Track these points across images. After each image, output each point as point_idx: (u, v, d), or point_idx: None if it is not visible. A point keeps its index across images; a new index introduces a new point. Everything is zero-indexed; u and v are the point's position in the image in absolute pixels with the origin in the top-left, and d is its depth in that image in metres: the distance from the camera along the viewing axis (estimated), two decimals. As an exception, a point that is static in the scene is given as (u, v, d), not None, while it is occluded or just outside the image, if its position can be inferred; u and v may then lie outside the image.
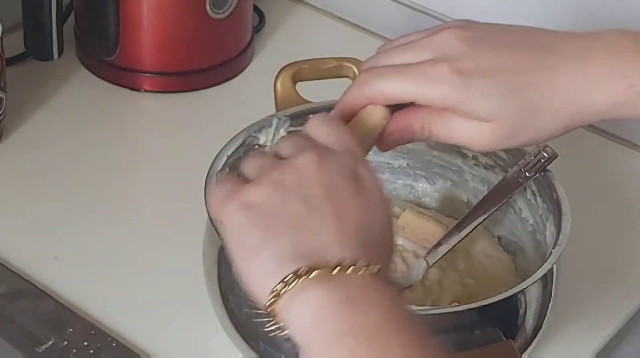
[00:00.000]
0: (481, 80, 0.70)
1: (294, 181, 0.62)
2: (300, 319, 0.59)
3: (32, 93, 1.12)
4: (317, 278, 0.58)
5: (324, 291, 0.58)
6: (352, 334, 0.57)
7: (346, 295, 0.58)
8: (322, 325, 0.58)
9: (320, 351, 0.57)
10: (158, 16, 1.12)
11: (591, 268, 0.96)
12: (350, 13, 1.29)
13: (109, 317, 0.88)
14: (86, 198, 1.00)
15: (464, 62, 0.71)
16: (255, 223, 0.61)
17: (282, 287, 0.59)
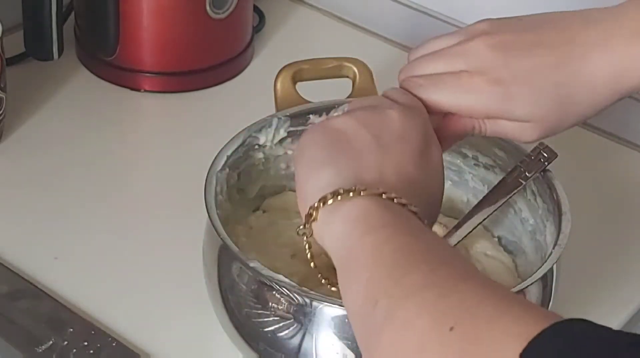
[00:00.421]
0: (517, 87, 0.74)
1: (375, 121, 0.69)
2: (342, 219, 0.64)
3: (32, 93, 1.12)
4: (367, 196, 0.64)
5: (370, 202, 0.64)
6: (390, 225, 0.63)
7: (389, 209, 0.64)
8: (361, 221, 0.63)
9: (357, 238, 0.63)
10: (158, 16, 1.12)
11: (591, 268, 0.97)
12: (350, 13, 1.29)
13: (109, 317, 0.88)
14: (86, 198, 1.00)
15: (498, 71, 0.74)
16: (328, 142, 0.69)
17: (331, 197, 0.65)
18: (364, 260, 0.61)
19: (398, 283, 0.58)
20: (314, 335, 0.74)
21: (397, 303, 0.57)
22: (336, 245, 0.64)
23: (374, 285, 0.59)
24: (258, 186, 0.92)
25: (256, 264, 0.76)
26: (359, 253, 0.62)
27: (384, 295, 0.58)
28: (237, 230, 0.88)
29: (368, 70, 0.93)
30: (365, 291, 0.60)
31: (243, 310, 0.78)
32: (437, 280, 0.58)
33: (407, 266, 0.59)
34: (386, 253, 0.61)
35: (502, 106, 0.74)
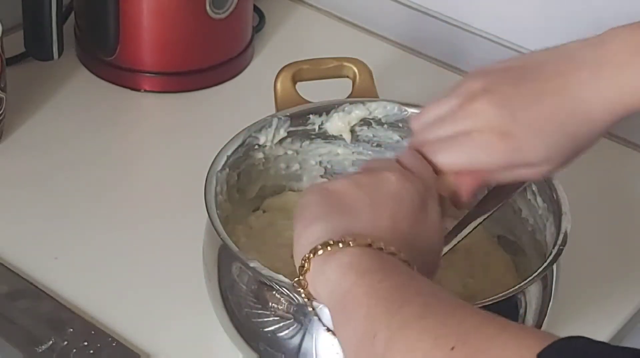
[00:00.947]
0: (527, 137, 0.76)
1: (370, 182, 0.72)
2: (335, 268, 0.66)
3: (32, 93, 1.12)
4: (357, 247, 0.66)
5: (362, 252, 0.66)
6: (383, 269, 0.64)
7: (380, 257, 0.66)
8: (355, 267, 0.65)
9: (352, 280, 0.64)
10: (158, 16, 1.12)
11: (591, 268, 0.96)
12: (350, 13, 1.29)
13: (109, 317, 0.88)
14: (86, 198, 1.00)
15: (507, 126, 0.76)
16: (323, 200, 0.71)
17: (321, 248, 0.67)
18: (359, 299, 0.63)
19: (396, 315, 0.60)
20: (314, 335, 0.74)
21: (396, 333, 0.59)
22: (329, 291, 0.66)
23: (371, 320, 0.61)
24: (258, 186, 0.92)
25: (256, 264, 0.76)
26: (354, 293, 0.64)
27: (382, 328, 0.60)
28: (237, 230, 0.88)
29: (368, 70, 0.93)
30: (363, 328, 0.62)
31: (243, 310, 0.78)
32: (434, 309, 0.60)
33: (403, 300, 0.61)
34: (381, 290, 0.62)
35: (517, 157, 0.76)
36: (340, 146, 0.93)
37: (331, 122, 0.91)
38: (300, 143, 0.92)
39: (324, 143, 0.93)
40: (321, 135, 0.92)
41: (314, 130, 0.92)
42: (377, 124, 0.92)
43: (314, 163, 0.94)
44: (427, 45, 1.24)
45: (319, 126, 0.91)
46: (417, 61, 1.24)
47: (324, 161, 0.94)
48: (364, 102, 0.91)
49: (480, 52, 1.21)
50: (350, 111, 0.91)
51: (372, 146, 0.93)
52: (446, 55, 1.23)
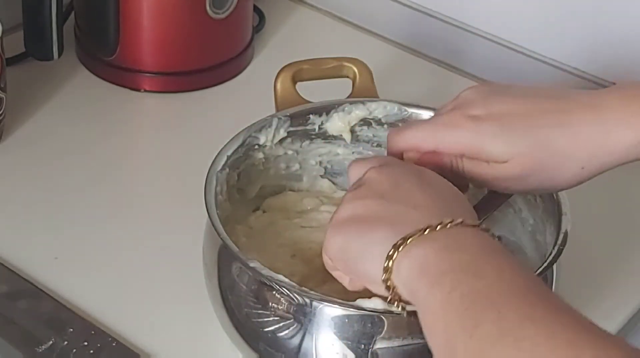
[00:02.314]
0: (491, 123, 0.76)
1: (366, 190, 0.72)
2: (408, 276, 0.66)
3: (32, 93, 1.12)
4: (414, 242, 0.67)
5: (423, 248, 0.66)
6: (451, 271, 0.64)
7: (441, 245, 0.66)
8: (426, 272, 0.65)
9: (426, 290, 0.64)
10: (158, 16, 1.12)
11: (591, 268, 0.96)
12: (350, 13, 1.29)
13: (109, 317, 0.88)
14: (86, 198, 1.00)
15: (475, 109, 0.77)
16: (350, 232, 0.71)
17: (388, 262, 0.67)
18: (438, 312, 0.63)
19: (473, 336, 0.60)
20: (314, 335, 0.74)
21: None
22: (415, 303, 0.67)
23: (451, 338, 0.62)
24: (258, 186, 0.92)
25: (256, 264, 0.76)
26: (432, 306, 0.64)
27: (462, 350, 0.60)
28: (237, 229, 0.88)
29: (368, 70, 0.93)
30: (445, 343, 0.62)
31: (243, 310, 0.78)
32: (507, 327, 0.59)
33: (477, 315, 0.61)
34: (455, 302, 0.62)
35: (475, 141, 0.76)
36: (340, 146, 0.93)
37: (331, 122, 0.91)
38: (300, 143, 0.92)
39: (324, 143, 0.93)
40: (321, 135, 0.92)
41: (314, 130, 0.92)
42: (377, 124, 0.92)
43: (314, 163, 0.94)
44: (427, 45, 1.24)
45: (319, 126, 0.91)
46: (417, 61, 1.24)
47: (324, 161, 0.94)
48: (364, 102, 0.91)
49: (480, 52, 1.21)
50: (350, 111, 0.91)
51: (372, 146, 0.93)
52: (446, 55, 1.23)
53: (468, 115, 0.76)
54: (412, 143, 0.79)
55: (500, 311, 0.60)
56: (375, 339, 0.73)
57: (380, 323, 0.73)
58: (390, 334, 0.73)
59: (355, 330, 0.73)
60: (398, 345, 0.73)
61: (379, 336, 0.73)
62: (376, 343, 0.73)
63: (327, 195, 0.93)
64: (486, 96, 0.78)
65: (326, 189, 0.94)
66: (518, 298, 0.61)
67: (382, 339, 0.73)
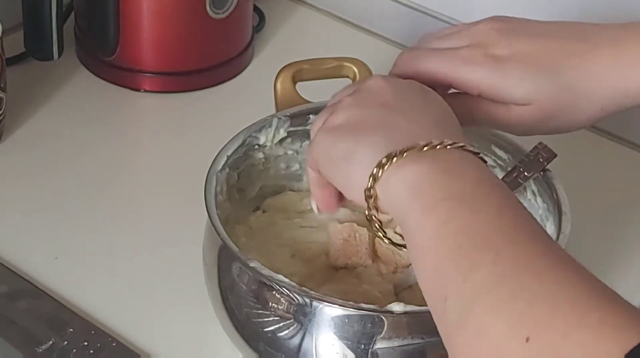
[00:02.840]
0: (514, 64, 0.73)
1: (367, 96, 0.68)
2: (398, 193, 0.62)
3: (32, 93, 1.12)
4: (410, 156, 0.62)
5: (419, 165, 0.62)
6: (448, 198, 0.60)
7: (440, 167, 0.61)
8: (419, 193, 0.61)
9: (417, 217, 0.60)
10: (158, 16, 1.12)
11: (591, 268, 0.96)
12: (350, 13, 1.29)
13: (109, 317, 0.88)
14: (86, 198, 1.00)
15: (498, 49, 0.74)
16: (342, 136, 0.67)
17: (377, 170, 0.63)
18: (428, 244, 0.59)
19: (466, 280, 0.56)
20: (314, 335, 0.74)
21: (467, 306, 0.55)
22: (402, 221, 0.62)
23: (442, 277, 0.57)
24: (258, 186, 0.92)
25: (256, 264, 0.76)
26: (423, 235, 0.60)
27: (453, 293, 0.56)
28: (237, 229, 0.88)
29: (368, 70, 0.93)
30: (434, 282, 0.58)
31: (243, 310, 0.78)
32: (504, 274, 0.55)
33: (472, 255, 0.57)
34: (449, 237, 0.58)
35: (497, 81, 0.73)
36: (340, 146, 0.93)
37: (331, 122, 0.91)
38: (300, 143, 0.92)
39: (324, 143, 0.93)
40: (321, 135, 0.92)
41: (314, 130, 0.92)
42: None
43: (314, 163, 0.94)
44: (427, 45, 1.24)
45: (319, 126, 0.91)
46: (417, 61, 1.24)
47: (324, 161, 0.94)
48: (364, 102, 0.91)
49: (480, 52, 1.21)
50: (350, 111, 0.91)
51: (372, 146, 0.93)
52: (446, 55, 1.23)
53: (490, 54, 0.74)
54: (426, 71, 0.75)
55: (498, 253, 0.56)
56: (375, 339, 0.73)
57: (380, 323, 0.73)
58: (390, 334, 0.73)
59: (355, 330, 0.73)
60: (398, 345, 0.73)
61: (379, 336, 0.73)
62: (376, 343, 0.73)
63: (327, 195, 0.93)
64: (507, 35, 0.75)
65: (326, 189, 0.94)
66: (519, 242, 0.57)
67: (382, 339, 0.73)
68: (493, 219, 0.58)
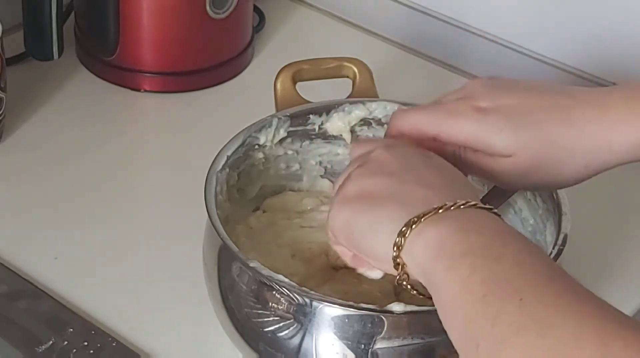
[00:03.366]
0: (497, 116, 0.75)
1: (375, 167, 0.72)
2: (423, 256, 0.65)
3: (32, 93, 1.12)
4: (427, 221, 0.65)
5: (437, 227, 0.65)
6: (469, 253, 0.63)
7: (457, 226, 0.65)
8: (441, 253, 0.64)
9: (442, 275, 0.63)
10: (158, 16, 1.12)
11: (591, 268, 0.96)
12: (350, 13, 1.29)
13: (109, 317, 0.88)
14: (86, 198, 1.00)
15: (482, 101, 0.76)
16: (358, 208, 0.70)
17: (400, 239, 0.66)
18: (456, 297, 0.62)
19: (495, 325, 0.58)
20: (314, 335, 0.74)
21: (498, 349, 0.58)
22: (429, 283, 0.65)
23: (471, 326, 0.60)
24: (258, 186, 0.92)
25: (256, 264, 0.76)
26: (449, 291, 0.63)
27: (484, 338, 0.59)
28: (237, 230, 0.88)
29: (368, 70, 0.93)
30: (466, 331, 0.61)
31: (243, 310, 0.78)
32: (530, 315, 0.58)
33: (498, 301, 0.59)
34: (474, 288, 0.61)
35: (480, 133, 0.75)
36: (340, 146, 0.93)
37: (331, 122, 0.91)
38: (300, 143, 0.92)
39: (324, 143, 0.93)
40: (321, 135, 0.92)
41: (314, 130, 0.92)
42: (377, 124, 0.92)
43: (314, 163, 0.94)
44: (427, 45, 1.24)
45: (319, 126, 0.91)
46: (417, 61, 1.24)
47: (324, 161, 0.94)
48: (364, 102, 0.91)
49: (480, 52, 1.21)
50: (350, 111, 0.91)
51: (372, 146, 0.93)
52: (446, 55, 1.23)
53: (474, 106, 0.76)
54: (414, 126, 0.78)
55: (522, 297, 0.58)
56: (375, 339, 0.73)
57: (380, 323, 0.73)
58: (390, 334, 0.73)
59: (355, 330, 0.73)
60: (398, 345, 0.73)
61: (379, 336, 0.73)
62: (376, 343, 0.73)
63: (327, 195, 0.93)
64: (493, 89, 0.77)
65: (326, 189, 0.94)
66: (540, 284, 0.60)
67: (382, 339, 0.73)
68: (513, 267, 0.61)
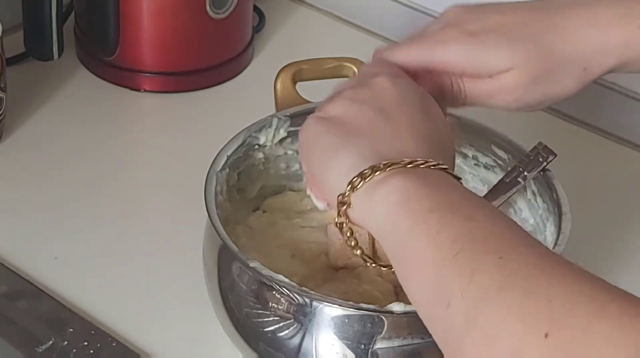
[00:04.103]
0: (489, 35, 0.74)
1: (369, 95, 0.68)
2: (383, 204, 0.61)
3: (32, 93, 1.12)
4: (394, 171, 0.62)
5: (404, 180, 0.61)
6: (438, 208, 0.59)
7: (425, 181, 0.61)
8: (407, 204, 0.60)
9: (406, 228, 0.59)
10: (158, 16, 1.12)
11: (591, 268, 0.96)
12: (350, 13, 1.29)
13: (109, 317, 0.88)
14: (86, 198, 1.00)
15: (470, 24, 0.74)
16: (332, 129, 0.66)
17: (359, 180, 0.63)
18: (423, 254, 0.58)
19: (471, 282, 0.54)
20: (314, 335, 0.74)
21: (475, 307, 0.54)
22: (385, 234, 0.61)
23: (442, 283, 0.56)
24: (258, 186, 0.92)
25: (256, 264, 0.76)
26: (415, 246, 0.59)
27: (457, 296, 0.54)
28: (237, 230, 0.88)
29: (368, 70, 0.93)
30: (434, 290, 0.57)
31: (243, 310, 0.78)
32: (512, 274, 0.54)
33: (474, 258, 0.55)
34: (445, 245, 0.57)
35: (475, 54, 0.74)
36: (340, 146, 0.93)
37: (331, 122, 0.91)
38: (300, 143, 0.92)
39: (324, 143, 0.93)
40: (321, 135, 0.92)
41: (314, 130, 0.92)
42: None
43: (314, 163, 0.94)
44: (427, 45, 1.24)
45: (319, 126, 0.91)
46: (417, 61, 1.24)
47: (324, 161, 0.94)
48: (364, 102, 0.91)
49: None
50: (350, 111, 0.91)
51: (372, 146, 0.93)
52: (446, 55, 1.23)
53: (463, 30, 0.74)
54: (404, 61, 0.75)
55: (502, 257, 0.55)
56: (375, 339, 0.73)
57: (380, 323, 0.73)
58: (390, 334, 0.73)
59: (355, 330, 0.73)
60: (398, 345, 0.73)
61: (379, 336, 0.73)
62: (376, 343, 0.73)
63: (327, 195, 0.93)
64: (477, 12, 0.75)
65: (326, 189, 0.94)
66: (520, 245, 0.56)
67: (382, 339, 0.73)
68: (488, 227, 0.58)
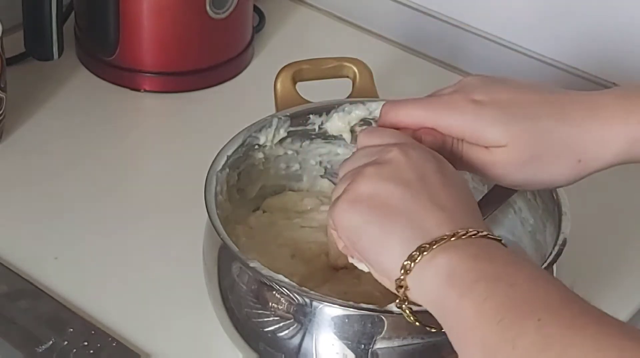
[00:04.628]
0: (492, 108, 0.76)
1: (390, 171, 0.70)
2: (433, 283, 0.65)
3: (32, 93, 1.12)
4: (440, 248, 0.65)
5: (449, 255, 0.65)
6: (482, 279, 0.63)
7: (469, 253, 0.65)
8: (454, 280, 0.64)
9: (455, 301, 0.64)
10: (158, 16, 1.12)
11: (591, 268, 0.96)
12: (350, 13, 1.29)
13: (109, 317, 0.88)
14: (86, 198, 1.00)
15: (478, 94, 0.77)
16: (369, 216, 0.69)
17: (409, 263, 0.66)
18: (470, 322, 0.62)
19: (515, 347, 0.59)
20: (314, 335, 0.74)
21: None
22: (436, 306, 0.65)
23: (490, 350, 0.60)
24: (258, 186, 0.92)
25: (256, 264, 0.76)
26: (464, 317, 0.63)
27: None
28: (237, 230, 0.88)
29: (368, 70, 0.93)
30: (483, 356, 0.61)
31: (243, 310, 0.78)
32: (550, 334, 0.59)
33: (516, 324, 0.60)
34: (491, 312, 0.61)
35: (475, 124, 0.76)
36: (340, 146, 0.93)
37: (331, 122, 0.91)
38: (300, 143, 0.92)
39: (324, 143, 0.93)
40: (321, 135, 0.92)
41: (314, 130, 0.92)
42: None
43: (314, 163, 0.94)
44: (427, 45, 1.24)
45: (319, 126, 0.91)
46: (417, 61, 1.24)
47: (324, 161, 0.94)
48: (364, 102, 0.91)
49: (480, 52, 1.21)
50: (350, 111, 0.91)
51: (372, 146, 0.93)
52: (446, 55, 1.23)
53: (469, 98, 0.76)
54: (408, 120, 0.77)
55: (540, 319, 0.59)
56: (375, 339, 0.73)
57: (380, 323, 0.73)
58: (390, 334, 0.73)
59: (355, 330, 0.73)
60: (398, 345, 0.73)
61: (379, 336, 0.73)
62: (376, 343, 0.73)
63: (327, 195, 0.93)
64: (489, 84, 0.78)
65: (326, 189, 0.94)
66: (557, 306, 0.61)
67: (382, 339, 0.73)
68: (528, 290, 0.62)
